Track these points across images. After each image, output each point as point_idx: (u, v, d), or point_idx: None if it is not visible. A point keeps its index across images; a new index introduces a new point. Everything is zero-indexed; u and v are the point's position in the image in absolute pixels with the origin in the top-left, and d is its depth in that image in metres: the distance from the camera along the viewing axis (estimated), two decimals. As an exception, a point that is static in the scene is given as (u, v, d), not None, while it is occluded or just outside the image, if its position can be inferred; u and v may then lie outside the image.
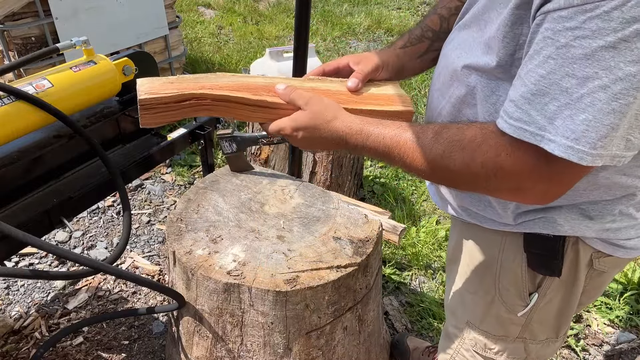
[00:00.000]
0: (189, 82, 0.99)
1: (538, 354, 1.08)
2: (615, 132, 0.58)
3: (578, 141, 0.59)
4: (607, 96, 0.57)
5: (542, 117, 0.62)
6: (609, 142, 0.59)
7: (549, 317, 1.03)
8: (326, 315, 1.27)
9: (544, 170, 0.66)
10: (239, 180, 1.59)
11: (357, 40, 5.04)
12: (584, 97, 0.58)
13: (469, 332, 1.12)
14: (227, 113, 1.00)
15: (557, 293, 0.99)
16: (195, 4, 5.71)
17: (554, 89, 0.61)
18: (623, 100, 0.56)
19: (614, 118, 0.57)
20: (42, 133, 1.40)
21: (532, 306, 0.99)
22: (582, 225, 0.88)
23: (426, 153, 0.75)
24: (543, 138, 0.63)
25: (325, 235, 1.36)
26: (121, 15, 2.89)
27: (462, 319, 1.13)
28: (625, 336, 2.00)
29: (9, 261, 2.22)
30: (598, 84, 0.57)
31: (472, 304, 1.09)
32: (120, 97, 1.63)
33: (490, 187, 0.74)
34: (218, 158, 2.93)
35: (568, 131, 0.60)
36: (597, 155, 0.60)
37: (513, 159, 0.68)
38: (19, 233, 1.03)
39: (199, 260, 1.25)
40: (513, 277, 0.99)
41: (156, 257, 2.33)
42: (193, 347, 1.40)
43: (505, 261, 0.99)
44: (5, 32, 2.53)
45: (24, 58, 1.38)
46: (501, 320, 1.05)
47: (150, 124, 1.00)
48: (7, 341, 1.87)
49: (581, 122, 0.59)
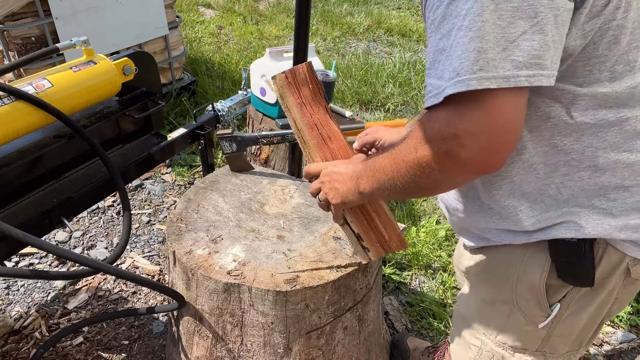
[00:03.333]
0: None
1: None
2: (484, 53, 0.67)
3: (459, 74, 0.68)
4: (463, 32, 0.68)
5: (437, 79, 0.72)
6: (485, 64, 0.67)
7: (573, 329, 1.00)
8: (326, 315, 1.27)
9: (458, 116, 0.71)
10: (239, 180, 1.59)
11: (357, 40, 5.04)
12: (452, 44, 0.70)
13: (486, 344, 1.10)
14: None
15: (584, 304, 0.95)
16: (195, 4, 5.71)
17: (437, 55, 0.73)
18: (474, 27, 0.67)
19: (475, 43, 0.67)
20: (42, 133, 1.40)
21: (553, 317, 0.97)
22: (604, 224, 0.86)
23: (396, 160, 0.84)
24: (443, 92, 0.71)
25: (325, 235, 1.36)
26: (121, 15, 2.89)
27: (479, 329, 1.11)
28: (625, 336, 2.01)
29: (9, 261, 2.22)
30: (456, 28, 0.69)
31: (490, 315, 1.08)
32: (120, 97, 1.63)
33: (430, 156, 0.75)
34: (218, 158, 2.93)
35: (451, 72, 0.70)
36: (480, 77, 0.67)
37: (430, 122, 0.75)
38: (19, 233, 1.03)
39: (199, 260, 1.25)
40: (531, 287, 0.97)
41: (156, 257, 2.33)
42: (193, 347, 1.40)
43: (523, 272, 0.97)
44: (5, 32, 2.53)
45: (24, 58, 1.38)
46: (521, 332, 1.03)
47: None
48: (7, 341, 1.87)
49: (455, 59, 0.69)
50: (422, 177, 0.79)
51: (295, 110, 1.20)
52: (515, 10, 0.65)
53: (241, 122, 3.20)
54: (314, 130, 1.18)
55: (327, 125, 1.19)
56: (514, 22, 0.66)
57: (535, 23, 0.66)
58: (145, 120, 1.73)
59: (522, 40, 0.66)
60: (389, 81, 3.99)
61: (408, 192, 0.85)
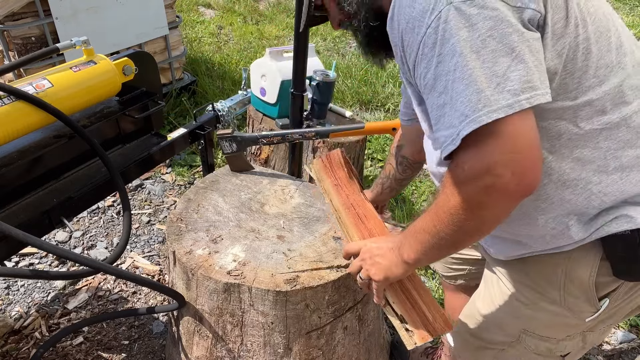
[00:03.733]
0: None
1: (593, 340, 1.09)
2: (481, 92, 0.74)
3: (468, 115, 0.75)
4: (457, 82, 0.76)
5: (448, 129, 0.79)
6: (487, 101, 0.74)
7: (617, 317, 1.03)
8: (326, 315, 1.27)
9: (481, 151, 0.76)
10: (239, 180, 1.59)
11: (357, 40, 5.04)
12: (452, 96, 0.78)
13: (527, 340, 1.11)
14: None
15: (632, 295, 0.97)
16: (195, 4, 5.71)
17: (440, 110, 0.81)
18: (466, 75, 0.75)
19: (472, 87, 0.75)
20: (42, 133, 1.40)
21: (602, 312, 0.99)
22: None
23: (439, 212, 0.88)
24: (458, 135, 0.77)
25: (325, 235, 1.36)
26: (121, 15, 2.89)
27: (515, 328, 1.12)
28: (625, 336, 2.00)
29: (9, 261, 2.22)
30: (450, 81, 0.77)
31: (531, 315, 1.08)
32: (120, 97, 1.63)
33: (469, 195, 0.80)
34: (218, 158, 2.93)
35: (460, 117, 0.77)
36: (488, 111, 0.74)
37: (458, 167, 0.80)
38: (19, 233, 1.03)
39: (199, 260, 1.25)
40: (581, 285, 0.98)
41: (156, 257, 2.33)
42: (193, 347, 1.40)
43: (572, 271, 0.98)
44: (5, 32, 2.53)
45: (24, 58, 1.38)
46: (567, 326, 1.05)
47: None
48: (7, 341, 1.87)
49: (460, 105, 0.76)
50: (467, 220, 0.82)
51: (332, 191, 1.28)
52: (494, 52, 0.75)
53: (241, 122, 3.20)
54: (351, 210, 1.25)
55: (362, 205, 1.26)
56: (497, 60, 0.75)
57: (514, 57, 0.75)
58: (145, 120, 1.73)
59: (509, 73, 0.74)
60: (389, 81, 3.99)
61: (455, 242, 0.89)
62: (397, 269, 1.00)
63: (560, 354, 1.11)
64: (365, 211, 1.25)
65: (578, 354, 1.13)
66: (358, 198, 1.27)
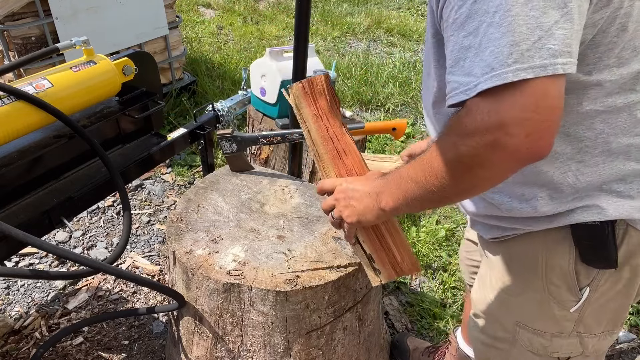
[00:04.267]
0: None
1: (595, 347, 1.06)
2: (517, 46, 0.68)
3: (494, 68, 0.69)
4: (494, 28, 0.69)
5: (465, 76, 0.73)
6: (520, 56, 0.67)
7: (605, 310, 1.01)
8: (326, 315, 1.27)
9: (501, 105, 0.70)
10: (239, 180, 1.59)
11: (357, 40, 5.04)
12: (482, 41, 0.70)
13: (521, 334, 1.10)
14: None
15: (612, 285, 0.97)
16: (195, 4, 5.71)
17: (462, 52, 0.73)
18: (505, 22, 0.68)
19: (508, 37, 0.68)
20: (42, 133, 1.40)
21: (584, 301, 0.98)
22: (625, 205, 0.88)
23: (432, 164, 0.82)
24: (475, 87, 0.71)
25: (325, 235, 1.36)
26: (121, 15, 2.89)
27: (510, 322, 1.11)
28: (625, 336, 2.00)
29: (9, 261, 2.22)
30: (485, 24, 0.70)
31: (520, 306, 1.07)
32: (120, 97, 1.63)
33: (473, 150, 0.73)
34: (218, 158, 2.93)
35: (484, 68, 0.70)
36: (517, 69, 0.67)
37: (469, 116, 0.73)
38: (19, 233, 1.03)
39: (199, 260, 1.25)
40: (561, 273, 0.97)
41: (156, 257, 2.33)
42: (193, 347, 1.40)
43: (551, 259, 0.98)
44: (5, 32, 2.53)
45: (24, 58, 1.38)
46: (554, 317, 1.03)
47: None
48: (7, 341, 1.87)
49: (488, 55, 0.70)
50: (463, 177, 0.77)
51: (310, 121, 1.17)
52: (545, 0, 0.67)
53: (241, 122, 3.20)
54: (329, 144, 1.15)
55: (342, 139, 1.16)
56: (546, 12, 0.67)
57: (565, 13, 0.68)
58: (145, 120, 1.73)
59: (555, 29, 0.68)
60: (389, 81, 3.99)
61: (442, 198, 0.83)
62: (371, 215, 0.96)
63: (557, 356, 1.08)
64: (346, 146, 1.14)
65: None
66: (339, 131, 1.16)
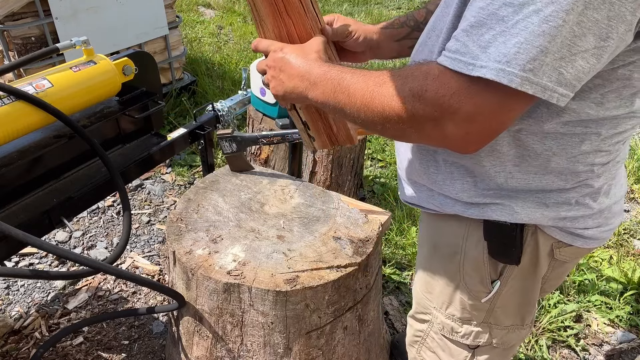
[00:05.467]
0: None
1: (503, 339, 1.10)
2: (544, 55, 0.60)
3: (509, 63, 0.61)
4: (539, 19, 0.59)
5: (477, 47, 0.64)
6: (539, 67, 0.61)
7: (512, 304, 1.04)
8: (326, 315, 1.27)
9: (469, 94, 0.66)
10: (239, 180, 1.59)
11: (357, 40, 5.04)
12: (518, 22, 0.61)
13: (436, 317, 1.14)
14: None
15: (518, 281, 1.00)
16: (195, 4, 5.71)
17: (491, 19, 0.63)
18: (553, 22, 0.59)
19: (544, 40, 0.60)
20: (42, 133, 1.40)
21: (494, 293, 1.01)
22: (537, 212, 0.89)
23: (367, 84, 0.77)
24: (475, 66, 0.64)
25: (325, 235, 1.36)
26: (121, 15, 2.90)
27: (429, 305, 1.15)
28: (625, 336, 2.01)
29: (9, 261, 2.22)
30: (532, 8, 0.60)
31: (438, 291, 1.11)
32: (120, 97, 1.63)
33: (415, 114, 0.71)
34: (218, 158, 2.93)
35: (500, 55, 0.62)
36: (526, 79, 0.61)
37: (438, 82, 0.68)
38: (19, 233, 1.03)
39: (199, 260, 1.25)
40: (475, 264, 1.01)
41: (156, 257, 2.33)
42: (193, 347, 1.40)
43: (468, 249, 1.01)
44: (5, 32, 2.53)
45: (24, 58, 1.38)
46: (466, 305, 1.07)
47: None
48: (7, 341, 1.87)
49: (513, 45, 0.61)
50: (390, 125, 0.75)
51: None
52: (594, 23, 0.60)
53: (241, 122, 3.20)
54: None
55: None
56: (586, 35, 0.60)
57: (600, 47, 0.62)
58: (145, 120, 1.73)
59: (580, 58, 0.62)
60: (389, 81, 3.99)
61: (364, 126, 0.81)
62: (296, 97, 0.90)
63: (466, 342, 1.11)
64: (288, 3, 0.93)
65: (490, 352, 1.12)
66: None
